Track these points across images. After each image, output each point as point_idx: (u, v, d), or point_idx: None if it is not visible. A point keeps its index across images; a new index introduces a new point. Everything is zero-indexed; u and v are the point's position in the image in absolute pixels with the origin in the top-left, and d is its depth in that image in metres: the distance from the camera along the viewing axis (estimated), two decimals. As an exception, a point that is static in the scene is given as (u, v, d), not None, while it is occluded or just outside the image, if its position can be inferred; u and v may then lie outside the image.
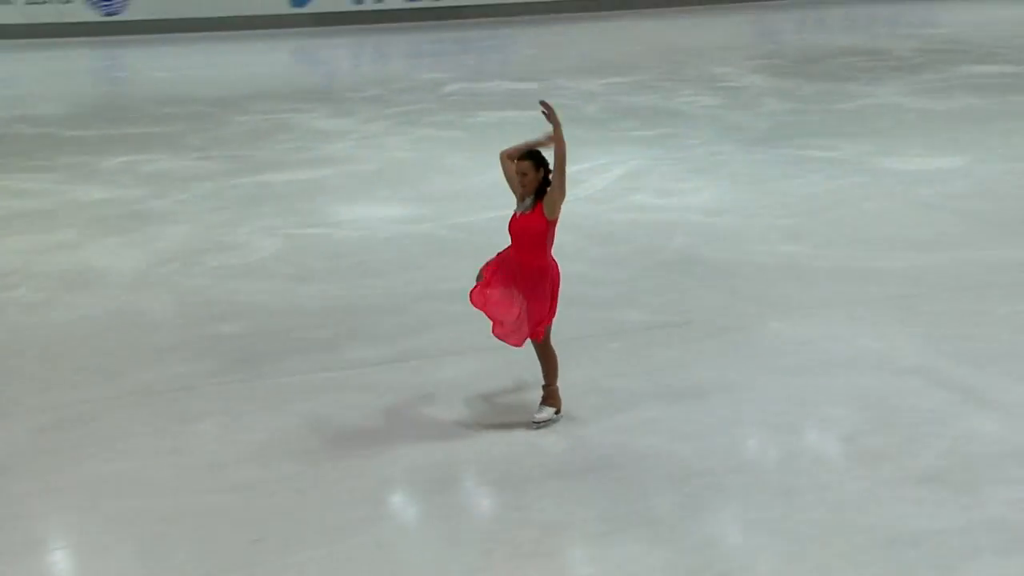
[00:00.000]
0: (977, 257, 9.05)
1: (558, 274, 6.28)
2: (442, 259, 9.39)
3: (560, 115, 6.18)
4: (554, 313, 6.30)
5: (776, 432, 6.36)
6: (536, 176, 6.08)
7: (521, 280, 6.18)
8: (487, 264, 6.32)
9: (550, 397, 6.46)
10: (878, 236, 9.65)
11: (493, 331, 6.30)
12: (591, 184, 11.43)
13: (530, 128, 6.62)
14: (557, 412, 6.45)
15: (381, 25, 23.46)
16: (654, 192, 11.16)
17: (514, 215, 6.18)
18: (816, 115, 14.53)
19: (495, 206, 10.72)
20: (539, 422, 6.40)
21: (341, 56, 21.60)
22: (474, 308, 6.29)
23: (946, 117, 14.19)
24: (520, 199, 6.16)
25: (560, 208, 6.10)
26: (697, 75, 17.42)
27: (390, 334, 7.85)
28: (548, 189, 6.08)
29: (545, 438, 6.28)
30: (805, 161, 12.18)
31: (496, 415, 6.60)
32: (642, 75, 17.53)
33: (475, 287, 6.30)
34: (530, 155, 6.10)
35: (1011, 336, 7.53)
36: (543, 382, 6.46)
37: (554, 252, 6.27)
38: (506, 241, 6.28)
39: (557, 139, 6.02)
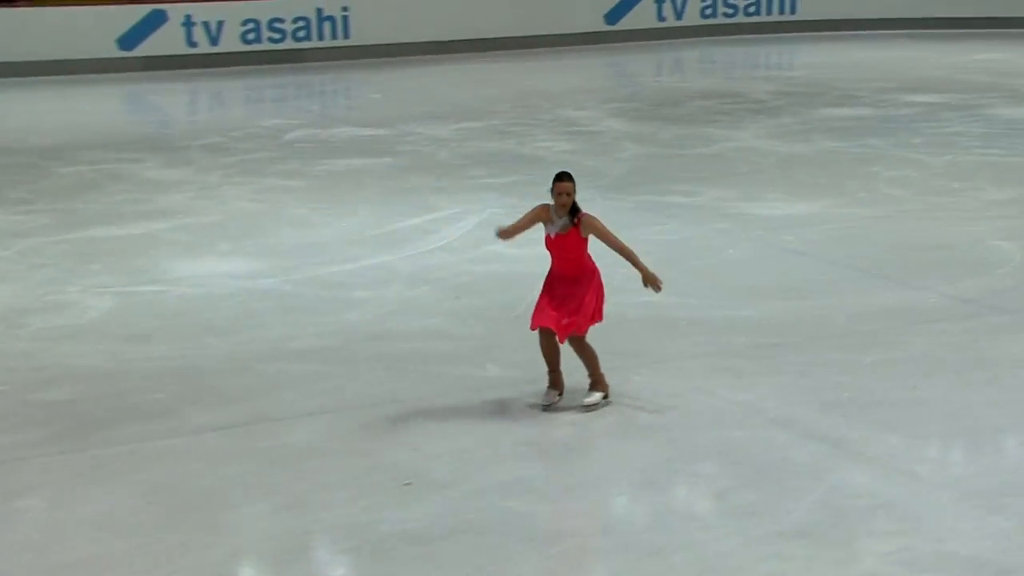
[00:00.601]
0: (841, 304, 9.34)
1: (600, 278, 7.42)
2: (288, 316, 9.33)
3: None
4: (600, 315, 7.38)
5: (643, 490, 6.46)
6: (574, 195, 7.30)
7: (575, 285, 7.31)
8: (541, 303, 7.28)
9: (598, 382, 7.41)
10: (742, 284, 9.89)
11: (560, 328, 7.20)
12: (445, 234, 11.49)
13: (378, 175, 6.64)
14: (605, 396, 7.41)
15: (216, 69, 23.29)
16: (511, 241, 11.24)
17: (548, 236, 7.36)
18: (676, 160, 14.87)
19: (344, 258, 10.70)
20: (588, 405, 7.34)
21: (175, 102, 21.35)
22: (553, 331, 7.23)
23: (806, 161, 14.64)
24: (554, 221, 7.33)
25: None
26: (552, 119, 17.67)
27: (234, 397, 7.76)
28: (582, 214, 7.29)
29: (404, 501, 6.27)
30: (665, 208, 12.44)
31: (352, 477, 6.56)
32: (495, 120, 17.72)
33: (543, 317, 7.22)
34: (571, 177, 7.35)
35: (878, 385, 7.78)
36: (588, 374, 7.38)
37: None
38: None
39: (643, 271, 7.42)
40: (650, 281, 7.38)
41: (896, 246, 10.82)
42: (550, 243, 7.39)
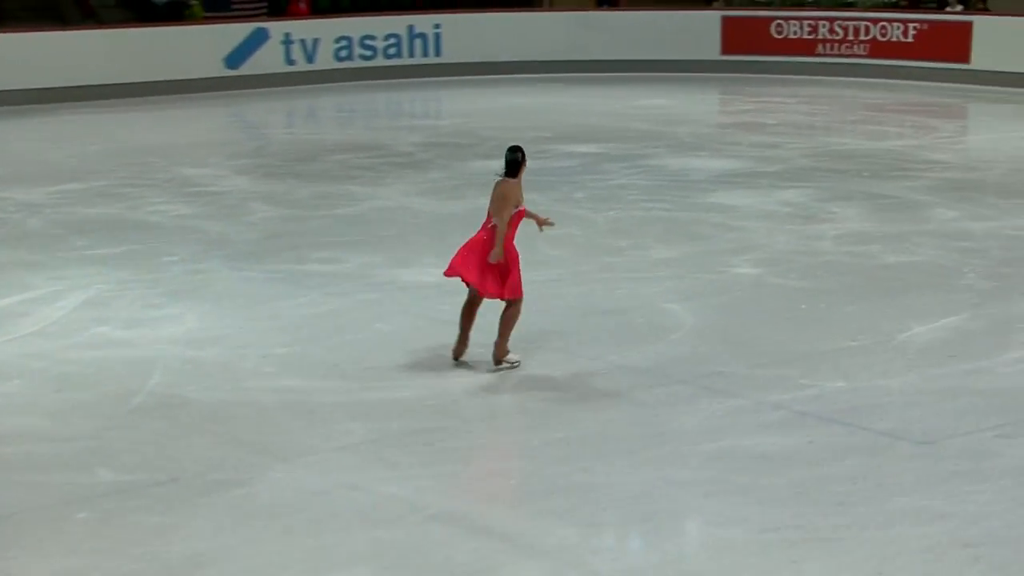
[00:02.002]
0: (505, 380, 9.51)
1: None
2: None
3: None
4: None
5: (289, 606, 6.36)
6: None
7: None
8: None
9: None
10: (394, 362, 9.94)
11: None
12: (41, 317, 11.08)
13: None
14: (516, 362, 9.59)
15: None
16: (123, 323, 10.97)
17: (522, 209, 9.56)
18: (314, 222, 14.87)
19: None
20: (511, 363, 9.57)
21: None
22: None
23: (460, 220, 14.86)
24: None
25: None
26: (169, 179, 17.39)
27: None
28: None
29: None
30: (304, 277, 12.41)
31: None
32: (100, 180, 17.28)
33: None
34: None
35: (548, 469, 7.95)
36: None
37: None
38: None
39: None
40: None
41: (563, 313, 11.13)
42: (519, 215, 9.47)
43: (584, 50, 28.81)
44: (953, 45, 26.74)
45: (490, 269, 9.42)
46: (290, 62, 27.13)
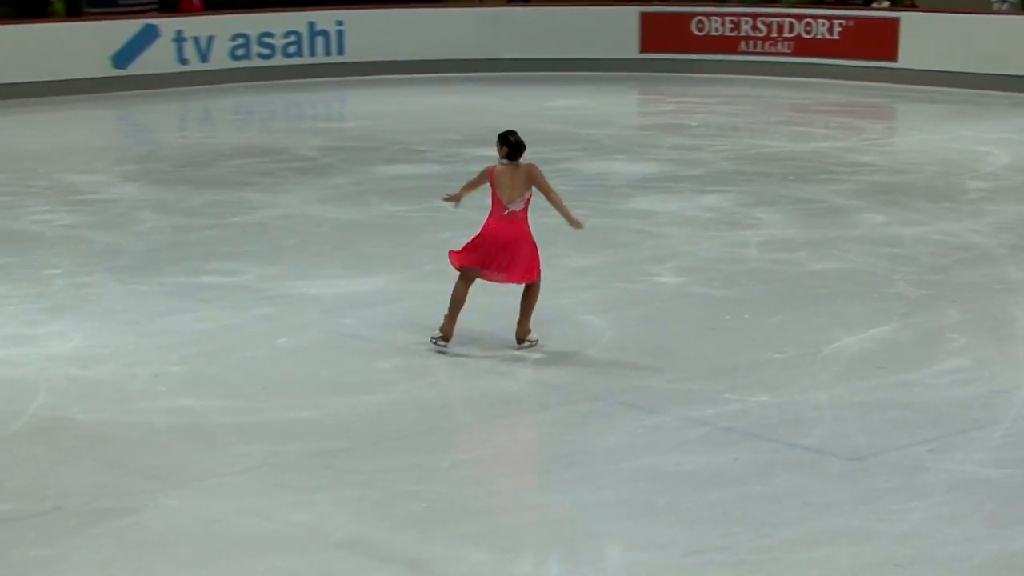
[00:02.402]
0: (415, 397, 9.50)
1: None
2: None
3: None
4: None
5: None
6: (499, 152, 10.39)
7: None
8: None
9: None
10: (296, 379, 9.90)
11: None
12: (-85, 335, 10.93)
13: None
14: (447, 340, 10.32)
15: None
16: (3, 340, 10.84)
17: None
18: (209, 232, 14.77)
19: None
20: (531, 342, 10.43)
21: None
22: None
23: (365, 228, 14.90)
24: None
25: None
26: (50, 186, 17.19)
27: None
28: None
29: None
30: (199, 290, 12.32)
31: None
32: (-23, 188, 17.07)
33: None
34: (498, 138, 10.36)
35: (460, 491, 7.95)
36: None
37: None
38: None
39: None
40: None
41: (473, 326, 11.12)
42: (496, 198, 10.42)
43: (495, 48, 28.83)
44: (880, 43, 27.08)
45: (515, 260, 10.28)
46: (182, 61, 26.90)
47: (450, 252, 10.47)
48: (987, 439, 8.64)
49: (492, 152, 10.39)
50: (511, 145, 10.25)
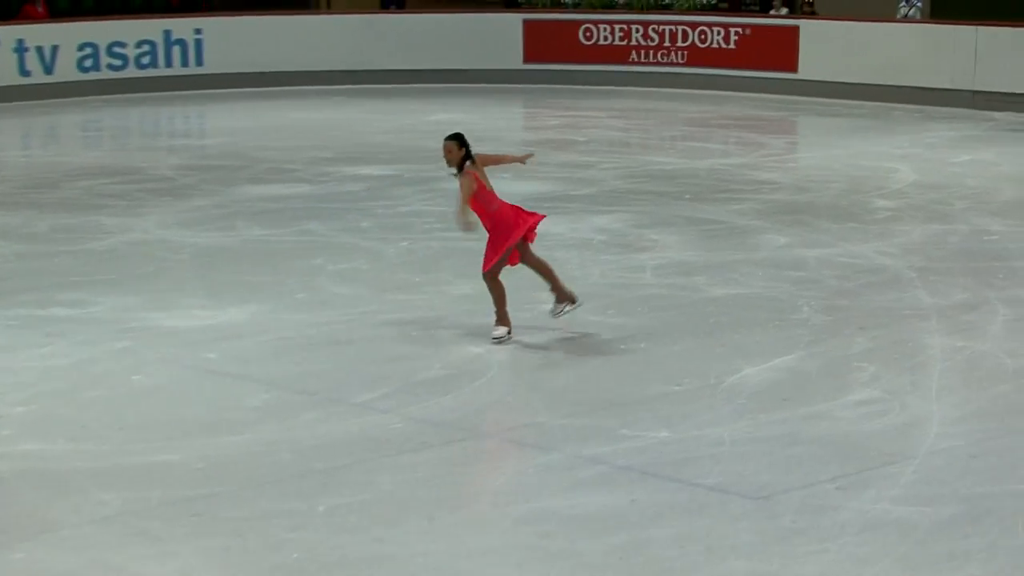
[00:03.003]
0: (286, 437, 9.46)
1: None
2: None
3: None
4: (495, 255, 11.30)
5: None
6: (455, 152, 11.55)
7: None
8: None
9: (501, 320, 11.44)
10: (156, 419, 9.82)
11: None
12: None
13: None
14: (509, 332, 11.42)
15: None
16: None
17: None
18: (58, 259, 14.62)
19: None
20: (495, 338, 11.37)
21: None
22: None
23: (229, 254, 14.82)
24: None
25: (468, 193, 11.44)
26: None
27: None
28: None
29: None
30: (47, 323, 12.19)
31: None
32: None
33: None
34: (451, 137, 11.63)
35: (336, 539, 7.93)
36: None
37: None
38: None
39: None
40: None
41: (349, 359, 11.11)
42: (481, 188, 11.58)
43: (368, 58, 28.89)
44: (778, 52, 27.47)
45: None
46: (24, 73, 26.66)
47: (484, 265, 11.49)
48: (899, 475, 8.76)
49: (366, 170, 10.41)
50: (466, 144, 11.67)
